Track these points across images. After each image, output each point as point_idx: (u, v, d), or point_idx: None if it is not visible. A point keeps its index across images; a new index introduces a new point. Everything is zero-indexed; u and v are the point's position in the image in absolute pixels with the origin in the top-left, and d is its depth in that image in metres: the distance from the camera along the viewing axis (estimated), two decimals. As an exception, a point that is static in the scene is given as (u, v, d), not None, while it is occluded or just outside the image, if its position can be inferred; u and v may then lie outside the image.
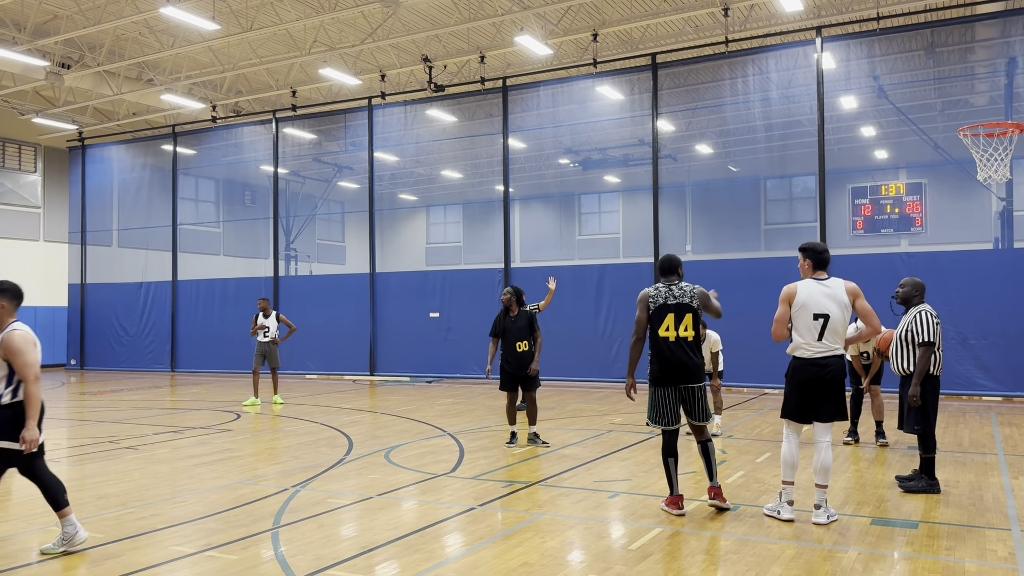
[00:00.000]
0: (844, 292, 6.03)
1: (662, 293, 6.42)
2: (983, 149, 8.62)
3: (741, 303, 15.27)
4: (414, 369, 19.45)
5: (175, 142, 23.22)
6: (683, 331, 6.34)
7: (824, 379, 6.01)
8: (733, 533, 5.82)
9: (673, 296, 6.39)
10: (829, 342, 6.00)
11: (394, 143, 21.25)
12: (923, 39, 16.98)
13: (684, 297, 6.38)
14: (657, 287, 6.50)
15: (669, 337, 6.34)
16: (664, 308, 6.36)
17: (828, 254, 6.21)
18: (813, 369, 6.03)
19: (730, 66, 16.93)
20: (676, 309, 6.35)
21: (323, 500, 6.90)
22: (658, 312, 6.38)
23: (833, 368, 6.01)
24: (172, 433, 11.11)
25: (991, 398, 13.98)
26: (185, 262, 23.03)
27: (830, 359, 6.01)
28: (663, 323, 6.34)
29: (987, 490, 7.11)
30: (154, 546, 5.63)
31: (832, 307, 5.99)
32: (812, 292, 6.05)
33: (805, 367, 6.06)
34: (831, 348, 6.01)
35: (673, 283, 6.47)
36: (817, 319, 5.99)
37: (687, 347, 6.34)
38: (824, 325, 5.98)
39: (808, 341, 6.03)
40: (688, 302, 6.37)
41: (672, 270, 6.53)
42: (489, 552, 5.42)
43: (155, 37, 18.60)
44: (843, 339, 6.09)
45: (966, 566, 5.03)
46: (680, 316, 6.34)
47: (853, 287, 6.09)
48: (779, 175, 24.98)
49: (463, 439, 10.15)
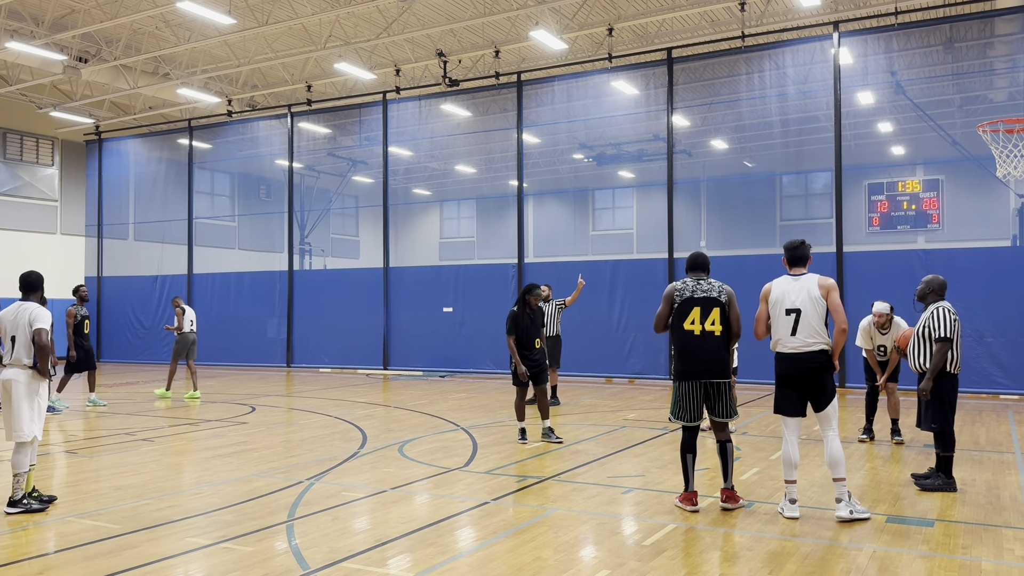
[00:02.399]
0: (816, 287, 6.06)
1: (689, 287, 6.39)
2: (1003, 145, 8.53)
3: (756, 299, 15.25)
4: (427, 363, 19.50)
5: (191, 136, 23.33)
6: (709, 325, 6.29)
7: (801, 372, 6.04)
8: (748, 530, 5.81)
9: (701, 290, 6.35)
10: (804, 336, 6.02)
11: (408, 138, 21.29)
12: (942, 34, 16.82)
13: (712, 292, 6.35)
14: (685, 281, 6.46)
15: (695, 331, 6.29)
16: (690, 301, 6.33)
17: (803, 250, 6.26)
18: (790, 363, 6.09)
19: (746, 61, 16.83)
20: (703, 303, 6.31)
21: (337, 493, 6.93)
22: (684, 305, 6.34)
23: (808, 362, 6.02)
24: (188, 425, 11.19)
25: (1008, 396, 13.86)
26: (200, 256, 23.15)
27: (806, 354, 6.03)
28: (688, 316, 6.31)
29: (1004, 489, 7.05)
30: (170, 537, 5.68)
31: (804, 301, 6.04)
32: (785, 288, 6.14)
33: (783, 361, 6.14)
34: (806, 343, 6.02)
35: (701, 279, 6.44)
36: (789, 314, 6.06)
37: (713, 342, 6.28)
38: (796, 320, 6.03)
39: (783, 336, 6.10)
40: (716, 296, 6.33)
41: (701, 266, 6.51)
42: (502, 547, 5.43)
43: (171, 31, 18.68)
44: (821, 334, 6.04)
45: (983, 565, 5.00)
46: (707, 310, 6.30)
47: (827, 282, 6.10)
48: (795, 171, 24.83)
49: (476, 434, 10.17)
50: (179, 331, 14.58)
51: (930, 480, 6.99)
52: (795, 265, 6.25)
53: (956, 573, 4.85)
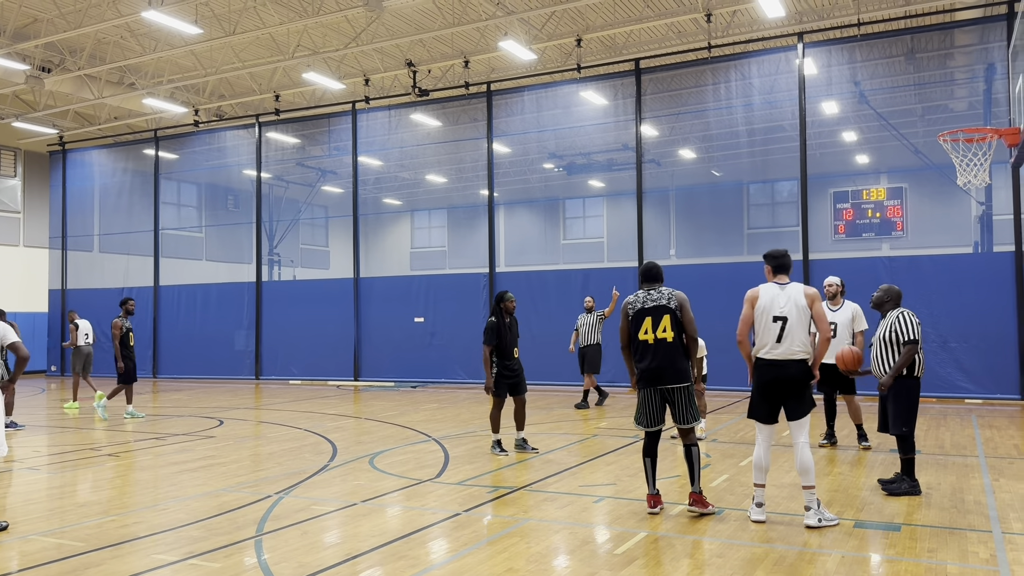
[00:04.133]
0: (803, 296, 6.18)
1: (640, 299, 6.54)
2: (963, 154, 8.72)
3: (724, 307, 15.32)
4: (399, 374, 19.40)
5: (157, 146, 23.08)
6: (661, 332, 6.40)
7: (783, 380, 6.12)
8: (718, 536, 5.84)
9: (651, 300, 6.48)
10: (789, 344, 6.12)
11: (378, 147, 21.23)
12: (903, 45, 17.14)
13: (661, 299, 6.46)
14: (637, 294, 6.61)
15: (648, 340, 6.43)
16: (642, 312, 6.48)
17: (788, 259, 6.38)
18: (772, 370, 6.16)
19: (713, 71, 17.03)
20: (653, 312, 6.44)
21: (307, 507, 6.86)
22: (636, 317, 6.50)
23: (792, 370, 6.11)
24: (154, 440, 11.02)
25: (972, 400, 14.10)
26: (167, 267, 22.87)
27: (789, 362, 6.12)
28: (641, 327, 6.46)
29: (968, 492, 7.17)
30: (136, 554, 5.58)
31: (791, 310, 6.13)
32: (772, 295, 6.22)
33: (765, 368, 6.20)
34: (791, 352, 6.12)
35: (652, 288, 6.56)
36: (776, 321, 6.14)
37: (666, 348, 6.39)
38: (783, 327, 6.12)
39: (769, 343, 6.17)
40: (665, 303, 6.44)
41: (652, 277, 6.62)
42: (474, 558, 5.41)
43: (137, 41, 18.49)
44: (804, 343, 6.15)
45: (948, 568, 5.07)
46: (657, 318, 6.41)
47: (812, 291, 6.23)
48: (762, 180, 25.10)
49: (448, 444, 10.13)
50: (73, 345, 15.20)
51: (895, 484, 7.09)
52: (780, 273, 6.34)
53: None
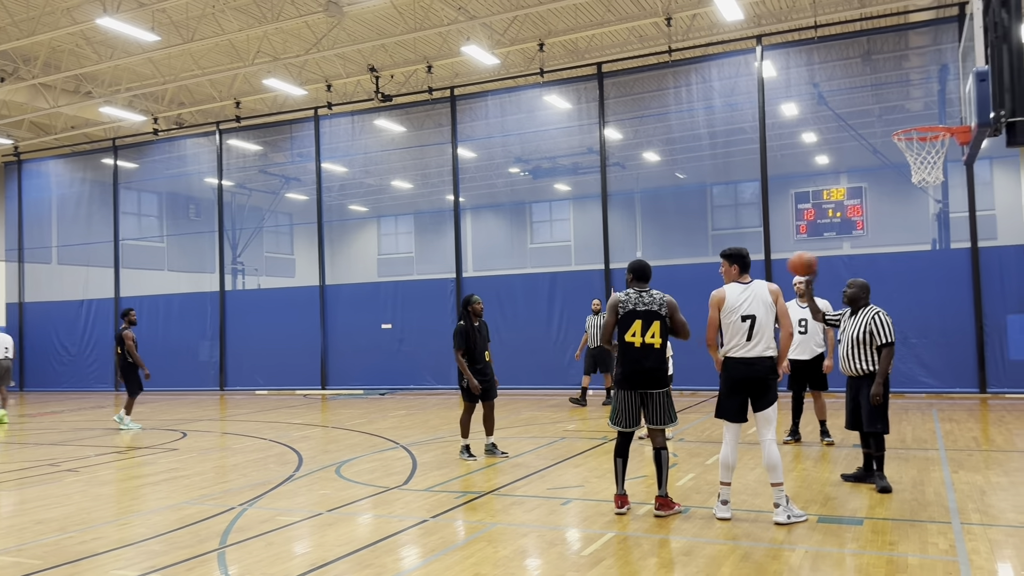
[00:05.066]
0: (767, 292, 6.27)
1: (632, 299, 6.52)
2: (917, 152, 8.89)
3: (690, 308, 15.39)
4: (367, 382, 19.27)
5: (115, 156, 22.71)
6: (650, 337, 6.42)
7: (753, 377, 6.18)
8: (684, 535, 5.87)
9: (643, 303, 6.48)
10: (758, 341, 6.18)
11: (342, 153, 21.09)
12: (860, 47, 17.43)
13: (653, 305, 6.47)
14: (628, 293, 6.58)
15: (635, 343, 6.43)
16: (633, 314, 6.46)
17: (749, 257, 6.45)
18: (742, 368, 6.21)
19: (674, 75, 17.18)
20: (644, 316, 6.44)
21: (272, 518, 6.77)
22: (626, 318, 6.48)
23: (762, 368, 6.18)
24: (116, 454, 10.82)
25: (932, 395, 14.36)
26: (128, 278, 22.50)
27: (760, 359, 6.18)
28: (630, 328, 6.45)
29: (929, 485, 7.29)
30: (95, 571, 5.46)
31: (759, 308, 6.21)
32: (738, 294, 6.28)
33: (736, 366, 6.24)
34: (762, 351, 6.19)
35: (644, 290, 6.56)
36: (745, 320, 6.20)
37: (652, 354, 6.42)
38: (752, 326, 6.18)
39: (738, 342, 6.23)
40: (657, 310, 6.46)
41: (644, 276, 6.63)
42: (441, 564, 5.37)
43: (92, 49, 18.18)
44: (772, 340, 6.23)
45: (909, 560, 5.14)
46: (648, 323, 6.43)
47: (775, 288, 6.31)
48: (725, 181, 25.38)
49: (416, 451, 10.07)
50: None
51: (883, 482, 7.04)
52: (745, 272, 6.41)
53: (884, 569, 4.98)
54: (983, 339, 14.40)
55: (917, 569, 4.97)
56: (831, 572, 5.00)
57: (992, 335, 14.39)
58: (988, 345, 14.40)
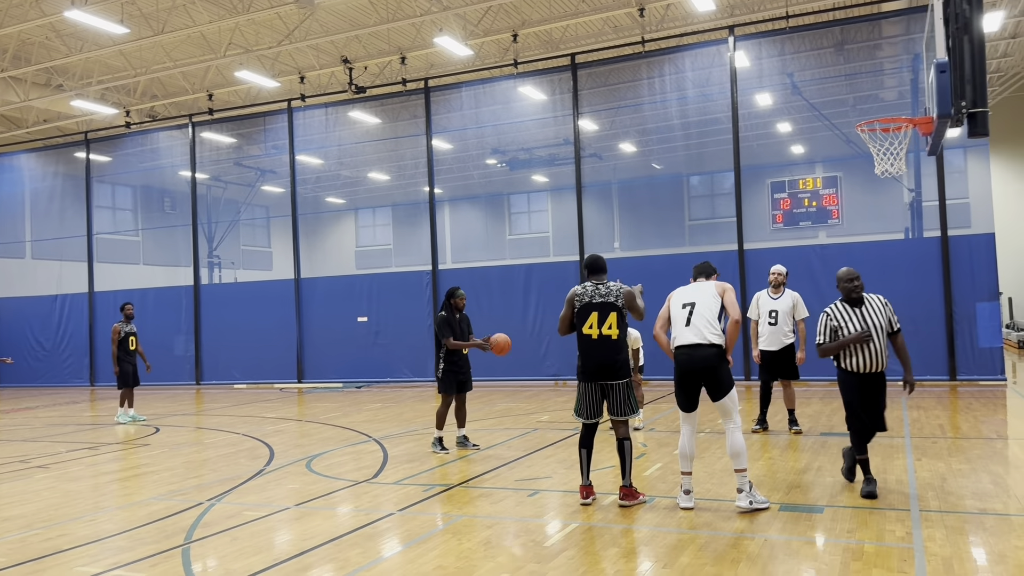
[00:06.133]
0: (712, 287, 6.41)
1: (588, 292, 6.58)
2: (880, 143, 8.97)
3: (666, 297, 15.55)
4: (343, 375, 19.23)
5: (88, 149, 22.47)
6: (606, 329, 6.47)
7: (697, 368, 6.21)
8: (646, 524, 5.92)
9: (599, 295, 6.54)
10: (697, 326, 6.22)
11: (317, 145, 20.98)
12: (833, 36, 17.52)
13: (609, 296, 6.52)
14: (584, 286, 6.65)
15: (592, 335, 6.50)
16: (589, 307, 6.53)
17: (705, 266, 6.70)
18: (684, 356, 6.28)
19: (648, 66, 17.21)
20: (600, 308, 6.50)
21: (238, 513, 6.76)
22: (583, 310, 6.55)
23: (704, 353, 6.18)
24: (88, 450, 10.75)
25: (901, 382, 14.48)
26: (102, 273, 22.31)
27: (700, 346, 6.20)
28: (587, 321, 6.51)
29: (891, 472, 7.39)
30: (58, 568, 5.44)
31: (698, 296, 6.35)
32: (682, 290, 6.52)
33: (678, 354, 6.34)
34: (701, 335, 6.19)
35: (600, 282, 6.61)
36: (685, 307, 6.34)
37: (609, 345, 6.47)
38: (691, 311, 6.29)
39: (679, 330, 6.33)
40: (613, 301, 6.51)
41: (597, 269, 6.69)
42: (405, 557, 5.40)
43: (63, 41, 17.97)
44: (714, 327, 6.24)
45: (865, 547, 5.22)
46: (604, 315, 6.48)
47: (724, 285, 6.45)
48: (700, 172, 25.47)
49: (388, 444, 10.08)
50: None
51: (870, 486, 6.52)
52: (698, 278, 6.63)
53: (840, 557, 5.05)
54: (953, 327, 14.58)
55: (873, 556, 5.05)
56: (788, 561, 5.07)
57: (962, 323, 14.57)
58: (958, 333, 14.58)
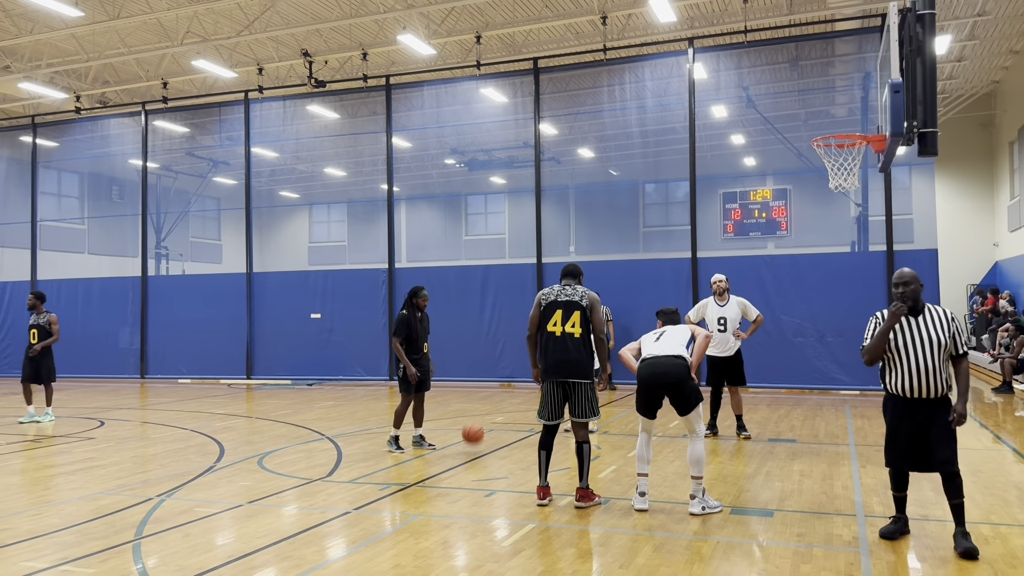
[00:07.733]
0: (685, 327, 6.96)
1: (555, 291, 6.79)
2: (835, 159, 9.24)
3: (620, 303, 15.74)
4: (294, 371, 19.00)
5: (35, 133, 21.83)
6: (570, 327, 6.60)
7: (658, 370, 6.44)
8: (602, 526, 6.01)
9: (565, 294, 6.72)
10: (667, 344, 6.64)
11: (273, 138, 20.70)
12: (788, 52, 17.94)
13: (575, 296, 6.69)
14: (552, 287, 6.87)
15: (555, 332, 6.63)
16: (554, 305, 6.70)
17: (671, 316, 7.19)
18: (647, 368, 6.54)
19: (609, 73, 17.39)
20: (565, 306, 6.67)
21: (190, 509, 6.67)
22: (548, 308, 6.71)
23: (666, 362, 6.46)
24: (29, 443, 10.46)
25: (847, 392, 14.91)
26: (46, 261, 21.68)
27: (664, 357, 6.50)
28: (551, 319, 6.66)
29: (838, 479, 7.60)
30: (2, 563, 5.30)
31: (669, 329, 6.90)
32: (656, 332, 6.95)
33: (642, 365, 6.61)
34: (665, 350, 6.57)
35: (568, 284, 6.81)
36: (658, 340, 6.77)
37: (572, 342, 6.59)
38: (661, 336, 6.78)
39: (648, 348, 6.71)
40: (578, 300, 6.67)
41: (571, 274, 6.91)
42: (361, 556, 5.39)
43: (12, 22, 17.44)
44: (683, 350, 6.59)
45: (814, 551, 5.37)
46: (568, 313, 6.63)
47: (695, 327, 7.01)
48: (656, 180, 25.81)
49: (341, 442, 10.02)
50: None
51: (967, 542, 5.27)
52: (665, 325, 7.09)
53: (790, 560, 5.20)
54: (895, 339, 14.98)
55: (821, 559, 5.20)
56: (739, 562, 5.20)
57: (903, 335, 14.98)
58: (900, 345, 14.98)
